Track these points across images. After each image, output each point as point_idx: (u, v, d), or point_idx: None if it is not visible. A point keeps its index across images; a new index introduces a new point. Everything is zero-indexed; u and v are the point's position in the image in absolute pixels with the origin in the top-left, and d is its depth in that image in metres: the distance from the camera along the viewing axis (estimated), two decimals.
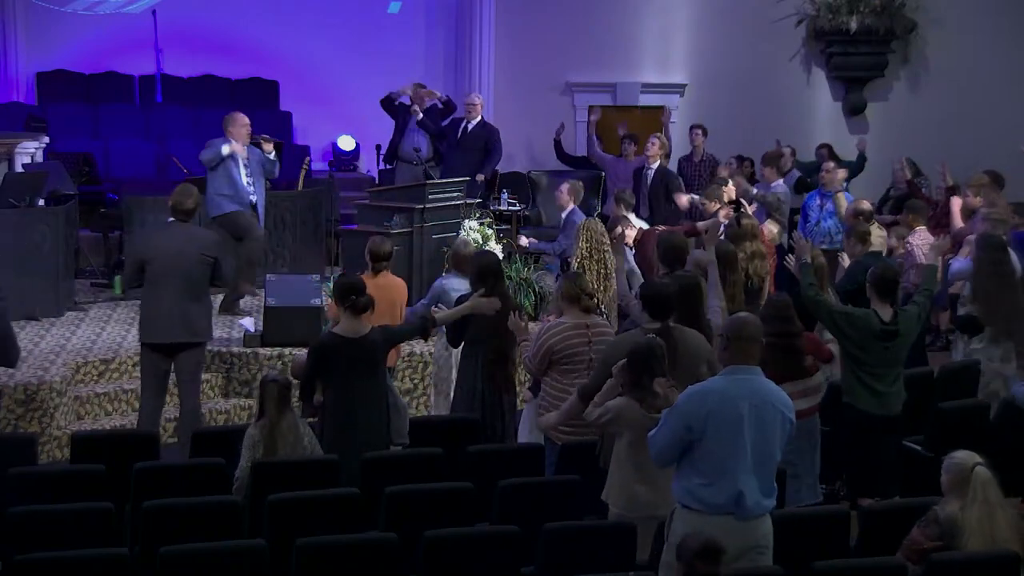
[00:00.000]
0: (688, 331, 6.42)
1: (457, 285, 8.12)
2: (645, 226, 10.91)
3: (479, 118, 12.69)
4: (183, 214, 7.87)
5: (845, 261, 9.07)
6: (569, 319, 6.86)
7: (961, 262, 8.91)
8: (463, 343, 7.61)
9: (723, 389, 5.17)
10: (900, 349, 6.97)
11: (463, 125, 12.69)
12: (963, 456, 5.45)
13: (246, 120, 10.48)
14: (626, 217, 10.13)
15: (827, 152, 13.47)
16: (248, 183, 10.42)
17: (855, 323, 6.84)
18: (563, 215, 10.69)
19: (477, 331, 7.45)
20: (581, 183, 10.98)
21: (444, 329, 7.76)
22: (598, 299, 7.93)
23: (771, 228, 9.55)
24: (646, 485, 5.73)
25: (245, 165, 10.40)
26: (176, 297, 7.71)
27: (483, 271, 7.55)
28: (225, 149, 10.27)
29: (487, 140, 12.68)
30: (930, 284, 7.36)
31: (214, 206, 10.32)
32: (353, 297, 6.57)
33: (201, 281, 7.81)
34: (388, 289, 7.88)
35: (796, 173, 12.98)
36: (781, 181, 12.19)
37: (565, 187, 10.68)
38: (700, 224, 9.61)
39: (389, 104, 13.16)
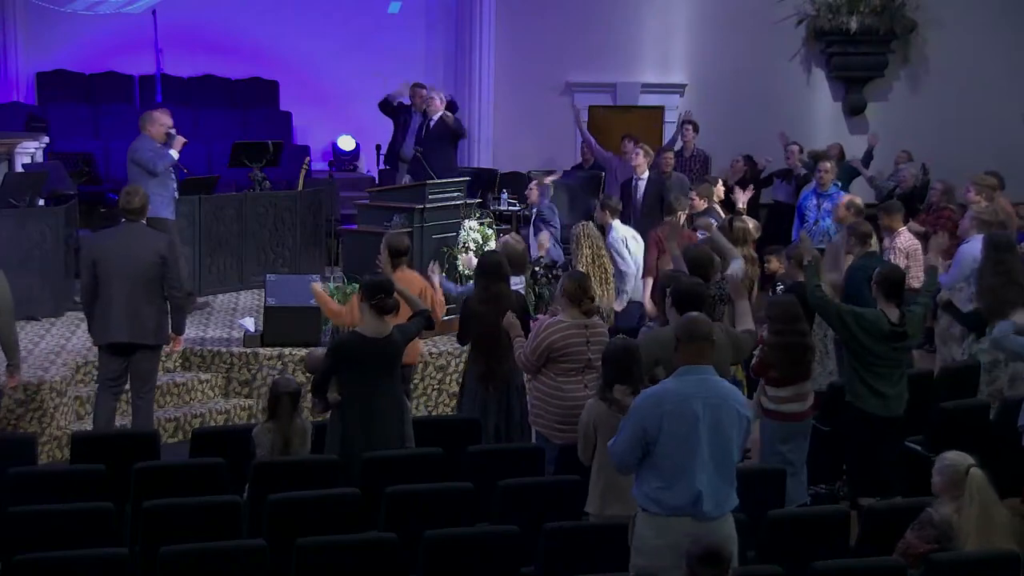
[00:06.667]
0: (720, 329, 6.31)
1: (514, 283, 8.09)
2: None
3: (439, 112, 12.37)
4: (131, 214, 7.74)
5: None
6: (567, 318, 6.85)
7: (949, 276, 8.81)
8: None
9: (677, 390, 5.13)
10: (906, 350, 6.96)
11: (424, 123, 12.39)
12: (956, 457, 5.43)
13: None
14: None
15: (837, 152, 13.43)
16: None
17: (865, 324, 6.81)
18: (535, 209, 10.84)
19: (478, 331, 7.48)
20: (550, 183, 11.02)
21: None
22: (598, 303, 7.90)
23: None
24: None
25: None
26: (125, 297, 7.61)
27: (481, 268, 7.58)
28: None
29: (448, 128, 12.32)
30: (932, 284, 7.34)
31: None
32: (381, 296, 6.53)
33: (152, 282, 7.66)
34: (407, 284, 7.85)
35: (802, 171, 12.96)
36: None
37: (534, 184, 11.03)
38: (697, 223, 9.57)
39: (387, 106, 13.13)
